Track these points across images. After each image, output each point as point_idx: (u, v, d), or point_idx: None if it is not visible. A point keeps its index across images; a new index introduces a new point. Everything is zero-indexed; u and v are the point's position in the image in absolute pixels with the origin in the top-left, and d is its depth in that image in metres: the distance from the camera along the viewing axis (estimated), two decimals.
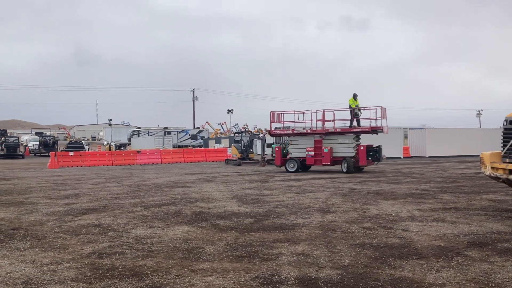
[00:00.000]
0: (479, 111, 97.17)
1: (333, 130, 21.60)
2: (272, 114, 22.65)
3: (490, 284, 4.83)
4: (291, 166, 21.77)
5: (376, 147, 21.47)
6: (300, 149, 22.23)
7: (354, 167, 20.48)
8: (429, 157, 37.54)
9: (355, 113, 21.89)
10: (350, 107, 21.96)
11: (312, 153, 21.61)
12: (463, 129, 43.35)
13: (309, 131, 22.31)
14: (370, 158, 20.94)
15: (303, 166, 21.95)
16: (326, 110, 21.93)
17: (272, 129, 23.47)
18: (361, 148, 20.72)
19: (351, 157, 20.77)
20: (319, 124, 22.12)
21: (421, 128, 44.02)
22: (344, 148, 21.32)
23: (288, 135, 23.18)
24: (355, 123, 22.09)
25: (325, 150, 21.21)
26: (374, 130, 20.97)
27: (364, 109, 21.79)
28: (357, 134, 21.57)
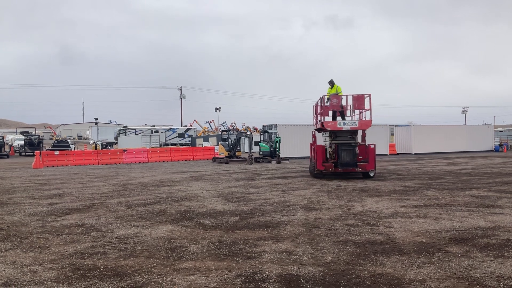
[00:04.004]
0: (465, 108, 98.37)
1: (319, 126, 17.54)
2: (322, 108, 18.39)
3: (470, 280, 4.89)
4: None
5: (348, 143, 16.55)
6: None
7: (314, 170, 16.91)
8: (415, 154, 37.89)
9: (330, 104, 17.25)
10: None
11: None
12: (449, 126, 43.89)
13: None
14: (337, 162, 16.37)
15: None
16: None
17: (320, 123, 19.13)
18: (313, 147, 17.12)
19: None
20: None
21: (407, 125, 44.38)
22: None
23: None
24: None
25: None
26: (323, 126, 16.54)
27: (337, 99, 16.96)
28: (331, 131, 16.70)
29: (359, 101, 16.59)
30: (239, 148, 31.27)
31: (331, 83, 17.87)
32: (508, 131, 72.85)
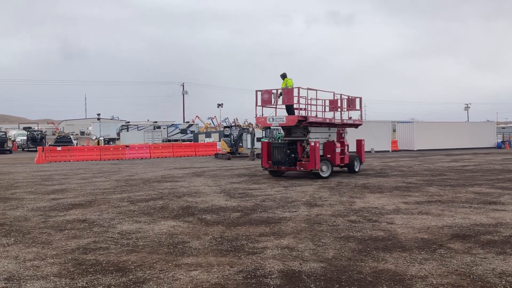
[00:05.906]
0: (467, 104, 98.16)
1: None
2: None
3: (472, 276, 4.88)
4: None
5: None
6: None
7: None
8: (417, 150, 37.83)
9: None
10: None
11: None
12: (451, 122, 43.70)
13: None
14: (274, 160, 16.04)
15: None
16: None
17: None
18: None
19: None
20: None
21: (409, 122, 44.30)
22: None
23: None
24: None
25: None
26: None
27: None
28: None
29: (288, 95, 15.65)
30: (241, 144, 31.28)
31: (283, 76, 16.89)
32: (510, 127, 72.67)
